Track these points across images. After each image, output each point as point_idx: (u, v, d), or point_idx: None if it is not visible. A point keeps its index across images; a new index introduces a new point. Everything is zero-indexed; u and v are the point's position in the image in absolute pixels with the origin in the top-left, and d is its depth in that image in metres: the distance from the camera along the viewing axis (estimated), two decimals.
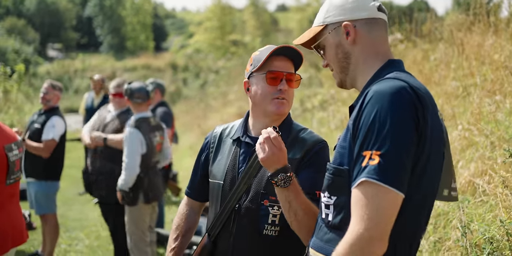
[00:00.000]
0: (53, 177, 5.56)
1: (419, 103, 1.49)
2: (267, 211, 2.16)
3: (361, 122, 1.50)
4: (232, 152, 2.29)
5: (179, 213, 2.48)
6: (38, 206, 5.55)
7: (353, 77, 1.74)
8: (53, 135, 5.41)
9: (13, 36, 32.12)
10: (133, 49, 39.74)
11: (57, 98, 5.69)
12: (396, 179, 1.41)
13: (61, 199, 8.82)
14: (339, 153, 1.60)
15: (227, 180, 2.25)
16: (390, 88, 1.49)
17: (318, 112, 8.94)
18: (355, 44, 1.70)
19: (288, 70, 2.23)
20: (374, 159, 1.42)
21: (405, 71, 1.66)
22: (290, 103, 2.27)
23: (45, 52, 43.88)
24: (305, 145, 2.20)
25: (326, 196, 1.64)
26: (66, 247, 6.29)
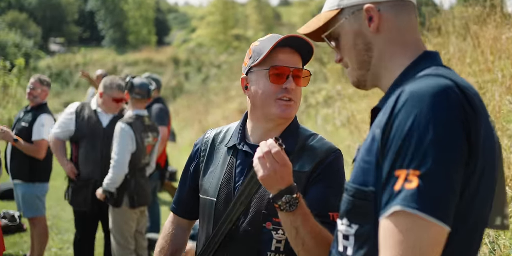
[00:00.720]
0: (41, 179, 5.23)
1: (470, 106, 1.14)
2: (270, 235, 1.77)
3: (393, 132, 1.15)
4: (227, 163, 1.91)
5: (164, 232, 2.09)
6: (26, 209, 5.22)
7: (376, 74, 1.38)
8: (44, 135, 5.07)
9: (14, 30, 31.83)
10: (135, 43, 39.46)
11: (45, 94, 5.32)
12: (441, 208, 1.06)
13: (54, 198, 8.52)
14: (362, 170, 1.23)
15: (221, 196, 1.87)
16: (431, 88, 1.14)
17: (323, 109, 8.59)
18: (378, 33, 1.35)
19: (295, 65, 1.86)
20: (411, 181, 1.07)
21: (444, 66, 1.31)
22: (298, 105, 1.88)
23: (47, 46, 43.60)
24: (316, 155, 1.82)
25: (345, 224, 1.27)
26: (57, 251, 5.98)
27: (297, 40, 1.83)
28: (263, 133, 1.89)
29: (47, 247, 5.91)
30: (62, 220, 7.28)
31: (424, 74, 1.22)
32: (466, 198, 1.15)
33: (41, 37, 42.49)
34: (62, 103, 22.33)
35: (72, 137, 4.75)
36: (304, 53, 1.89)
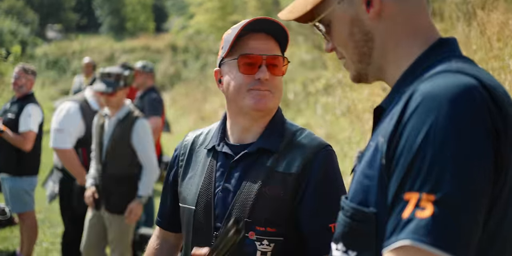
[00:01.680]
0: (29, 173, 5.03)
1: (499, 112, 0.92)
2: (254, 247, 1.59)
3: (401, 144, 0.92)
4: (207, 167, 1.72)
5: (149, 248, 1.90)
6: (14, 204, 5.05)
7: (379, 68, 1.15)
8: (31, 126, 4.86)
9: (10, 17, 31.48)
10: (133, 30, 39.12)
11: (30, 83, 5.09)
12: (461, 243, 0.85)
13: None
14: (362, 186, 1.02)
15: (201, 204, 1.68)
16: (450, 89, 0.91)
17: (322, 97, 8.36)
18: (379, 20, 1.11)
19: (269, 52, 1.65)
20: (424, 209, 0.85)
21: (464, 57, 1.07)
22: (278, 96, 1.68)
23: (44, 33, 43.24)
24: (304, 153, 1.63)
25: (340, 250, 1.06)
26: (48, 246, 5.82)
27: (269, 23, 1.63)
28: (242, 131, 1.71)
29: (38, 241, 5.75)
30: (55, 213, 7.08)
31: (440, 70, 0.99)
32: (494, 219, 0.94)
33: (38, 24, 42.13)
34: (59, 91, 22.09)
35: (81, 140, 4.48)
36: (280, 38, 1.68)
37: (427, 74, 1.01)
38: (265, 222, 1.59)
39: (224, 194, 1.66)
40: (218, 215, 1.65)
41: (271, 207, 1.60)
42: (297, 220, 1.61)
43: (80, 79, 8.96)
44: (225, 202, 1.65)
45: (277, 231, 1.59)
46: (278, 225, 1.60)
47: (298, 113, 8.32)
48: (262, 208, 1.60)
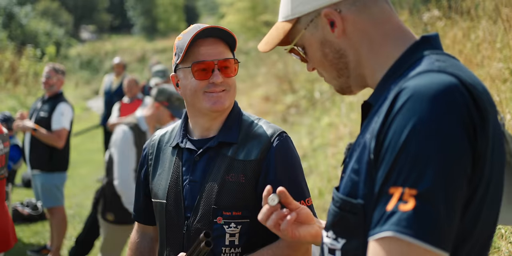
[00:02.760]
0: (60, 168, 5.21)
1: (476, 109, 0.99)
2: (223, 230, 1.74)
3: (387, 141, 0.99)
4: (173, 163, 1.85)
5: (130, 242, 2.05)
6: (44, 199, 5.23)
7: (360, 77, 1.23)
8: (64, 124, 5.04)
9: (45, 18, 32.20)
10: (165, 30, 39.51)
11: (60, 82, 5.27)
12: (441, 234, 0.92)
13: (80, 186, 8.59)
14: (351, 180, 1.09)
15: (171, 197, 1.82)
16: (433, 89, 0.98)
17: (348, 96, 8.37)
18: (346, 36, 1.18)
19: (220, 56, 1.77)
20: (407, 202, 0.92)
21: (445, 54, 1.14)
22: (232, 94, 1.81)
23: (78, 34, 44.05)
24: (260, 141, 1.77)
25: (330, 237, 1.14)
26: None
27: (216, 29, 1.75)
28: (203, 128, 1.85)
29: (68, 236, 5.93)
30: (85, 209, 7.29)
31: (424, 70, 1.05)
32: (474, 208, 1.01)
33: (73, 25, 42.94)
34: (92, 90, 22.50)
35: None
36: (228, 40, 1.80)
37: (412, 73, 1.06)
38: (231, 206, 1.74)
39: (191, 186, 1.80)
40: (188, 206, 1.79)
41: (235, 193, 1.75)
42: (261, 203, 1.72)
43: (110, 79, 9.13)
44: (193, 193, 1.79)
45: (242, 214, 1.74)
46: (243, 208, 1.75)
47: (323, 112, 8.35)
48: (227, 194, 1.74)
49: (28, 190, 7.87)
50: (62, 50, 28.87)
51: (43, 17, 32.56)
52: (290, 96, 10.38)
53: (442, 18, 6.99)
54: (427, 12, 7.28)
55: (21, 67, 17.35)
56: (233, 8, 34.54)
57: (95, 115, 16.03)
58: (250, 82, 13.58)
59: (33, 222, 6.56)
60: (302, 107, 9.52)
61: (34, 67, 18.28)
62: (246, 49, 24.75)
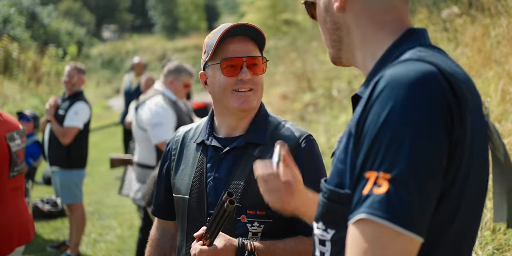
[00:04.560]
0: (78, 166, 5.28)
1: (454, 97, 0.99)
2: (245, 229, 1.74)
3: (366, 127, 1.00)
4: (197, 159, 1.87)
5: (150, 239, 2.05)
6: (63, 196, 5.30)
7: (350, 54, 1.24)
8: (76, 122, 5.11)
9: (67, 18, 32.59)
10: (186, 29, 39.70)
11: (81, 81, 5.35)
12: (411, 217, 0.92)
13: (99, 184, 8.69)
14: (337, 170, 1.10)
15: (194, 193, 1.82)
16: (410, 76, 0.98)
17: None
18: (345, 13, 1.20)
19: (249, 54, 1.78)
20: (381, 186, 0.93)
21: (432, 46, 1.14)
22: (259, 94, 1.81)
23: (100, 34, 44.49)
24: (288, 144, 1.73)
25: (320, 228, 1.15)
26: (96, 237, 6.06)
27: (245, 27, 1.75)
28: (229, 126, 1.86)
29: (86, 232, 6.01)
30: (104, 206, 7.38)
31: (404, 59, 1.06)
32: (451, 200, 1.02)
33: (94, 25, 43.37)
34: (113, 89, 22.72)
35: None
36: (258, 39, 1.81)
37: (395, 61, 1.08)
38: (255, 206, 1.74)
39: (215, 183, 1.80)
40: (211, 203, 1.79)
41: (259, 193, 1.71)
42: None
43: (130, 78, 9.21)
44: (217, 190, 1.79)
45: (266, 213, 1.74)
46: (267, 208, 1.70)
47: (341, 110, 8.32)
48: (252, 193, 1.74)
49: (48, 187, 7.99)
50: (83, 49, 29.21)
51: (66, 17, 32.95)
52: (308, 94, 10.36)
53: (462, 15, 6.91)
54: (446, 8, 7.20)
55: (43, 66, 17.60)
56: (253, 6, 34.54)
57: (115, 114, 16.18)
58: (268, 81, 13.57)
59: (53, 219, 6.65)
60: (320, 105, 9.50)
61: (56, 66, 18.52)
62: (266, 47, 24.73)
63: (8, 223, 3.00)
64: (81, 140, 5.26)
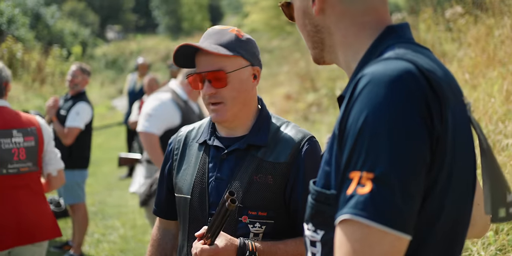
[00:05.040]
0: (80, 166, 5.28)
1: (433, 94, 0.99)
2: (247, 229, 1.74)
3: (348, 127, 1.00)
4: (200, 159, 1.86)
5: (152, 239, 2.04)
6: (66, 196, 5.31)
7: (333, 54, 1.24)
8: (77, 123, 5.11)
9: (72, 19, 32.68)
10: (189, 29, 39.75)
11: (85, 82, 5.36)
12: (396, 215, 0.92)
13: (103, 184, 8.70)
14: (324, 171, 1.10)
15: (195, 193, 1.82)
16: (389, 75, 0.98)
17: None
18: (324, 16, 1.20)
19: (209, 68, 1.76)
20: (364, 186, 0.93)
21: (413, 42, 1.14)
22: (232, 105, 1.78)
23: (104, 34, 44.58)
24: (289, 145, 1.78)
25: (310, 229, 1.14)
26: (99, 237, 6.06)
27: (188, 47, 1.76)
28: (227, 128, 1.86)
29: (90, 232, 6.02)
30: (108, 206, 7.39)
31: (384, 57, 1.06)
32: (435, 199, 1.01)
33: (99, 25, 43.47)
34: (117, 90, 22.76)
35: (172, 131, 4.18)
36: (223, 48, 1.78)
37: (374, 60, 1.08)
38: (257, 207, 1.74)
39: (217, 183, 1.80)
40: (213, 202, 1.79)
41: (262, 194, 1.75)
42: (290, 206, 1.77)
43: (134, 78, 9.22)
44: (219, 190, 1.79)
45: (268, 214, 1.74)
46: (269, 209, 1.75)
47: None
48: (254, 194, 1.75)
49: None
50: (88, 50, 29.26)
51: (70, 18, 33.05)
52: (311, 95, 10.36)
53: (465, 15, 6.90)
54: (449, 8, 7.18)
55: (47, 66, 17.64)
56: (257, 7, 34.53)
57: (119, 114, 16.21)
58: (272, 81, 13.58)
59: (56, 219, 6.65)
60: (324, 105, 9.49)
61: (60, 66, 18.56)
62: (270, 47, 24.75)
63: (3, 221, 3.01)
64: (83, 141, 5.25)
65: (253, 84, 1.83)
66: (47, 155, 3.20)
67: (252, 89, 1.83)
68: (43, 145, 3.16)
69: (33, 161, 3.11)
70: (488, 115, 4.25)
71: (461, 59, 6.07)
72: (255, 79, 1.83)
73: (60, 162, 3.30)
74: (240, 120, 1.84)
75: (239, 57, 1.78)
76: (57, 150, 3.30)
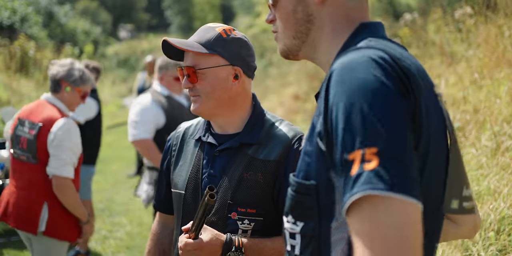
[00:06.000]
0: (87, 162, 5.29)
1: (404, 75, 1.01)
2: (236, 226, 1.76)
3: (334, 113, 1.00)
4: (195, 155, 1.90)
5: (151, 233, 2.08)
6: None
7: (312, 47, 1.24)
8: (75, 115, 5.07)
9: (84, 17, 32.90)
10: None
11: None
12: (411, 184, 0.92)
13: (111, 181, 8.76)
14: (304, 162, 1.11)
15: (189, 189, 1.85)
16: (359, 58, 1.02)
17: None
18: (324, 6, 1.19)
19: (186, 63, 1.83)
20: (370, 161, 0.92)
21: (385, 38, 1.17)
22: (208, 99, 1.82)
23: (116, 33, 44.80)
24: (281, 142, 1.80)
25: (290, 222, 1.15)
26: (106, 234, 6.10)
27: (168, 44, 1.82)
28: (220, 124, 1.89)
29: (96, 229, 6.06)
30: (115, 203, 7.44)
31: (355, 48, 1.08)
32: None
33: (111, 24, 43.69)
34: (129, 88, 22.87)
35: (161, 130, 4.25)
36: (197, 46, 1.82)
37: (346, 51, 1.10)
38: (246, 204, 1.76)
39: (209, 179, 1.83)
40: None
41: (251, 191, 1.77)
42: (279, 204, 1.78)
43: (143, 77, 9.26)
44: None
45: (257, 212, 1.76)
46: (258, 206, 1.77)
47: None
48: (243, 191, 1.77)
49: None
50: (100, 48, 29.42)
51: (82, 16, 33.26)
52: None
53: (474, 15, 6.86)
54: (459, 8, 7.15)
55: None
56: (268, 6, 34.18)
57: None
58: (281, 81, 13.59)
59: None
60: None
61: None
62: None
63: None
64: (89, 137, 5.23)
65: (234, 83, 1.82)
66: (50, 156, 3.22)
67: (231, 88, 1.82)
68: (45, 143, 3.20)
69: (32, 154, 3.20)
70: (493, 116, 4.24)
71: (469, 60, 6.05)
72: (236, 79, 1.83)
73: (56, 170, 3.18)
74: (225, 117, 1.86)
75: (215, 56, 1.80)
76: (67, 159, 3.21)
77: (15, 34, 17.16)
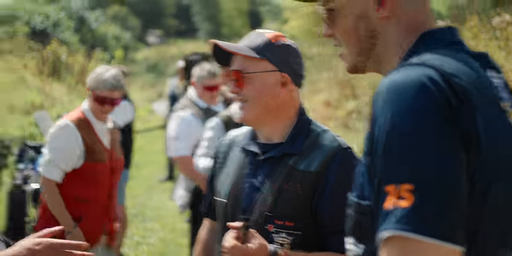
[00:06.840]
0: None
1: (455, 96, 0.94)
2: (271, 239, 1.71)
3: (375, 137, 0.96)
4: (239, 164, 1.87)
5: (198, 240, 2.07)
6: None
7: (378, 62, 1.18)
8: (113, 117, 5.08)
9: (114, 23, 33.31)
10: (229, 35, 40.01)
11: None
12: (445, 225, 0.87)
13: (143, 186, 8.80)
14: (358, 182, 1.07)
15: (231, 198, 1.84)
16: (407, 79, 0.95)
17: None
18: (389, 20, 1.12)
19: (233, 67, 1.81)
20: (405, 198, 0.88)
21: (452, 45, 1.09)
22: (255, 104, 1.78)
23: (145, 39, 45.24)
24: (323, 153, 1.74)
25: (351, 243, 1.09)
26: (139, 239, 6.13)
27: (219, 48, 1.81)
28: (264, 133, 1.86)
29: (129, 234, 6.08)
30: (148, 209, 7.47)
31: (408, 63, 1.02)
32: (477, 195, 0.95)
33: (140, 29, 44.16)
34: (157, 93, 23.02)
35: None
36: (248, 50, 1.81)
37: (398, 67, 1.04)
38: (284, 216, 1.72)
39: (250, 189, 1.81)
40: (245, 209, 1.80)
41: (290, 203, 1.73)
42: (317, 217, 1.73)
43: (174, 82, 9.31)
44: (251, 197, 1.80)
45: (295, 225, 1.72)
46: (296, 219, 1.72)
47: None
48: (282, 203, 1.73)
49: None
50: (129, 53, 29.73)
51: (113, 22, 33.68)
52: (351, 102, 10.28)
53: None
54: (496, 16, 7.03)
55: (90, 69, 17.99)
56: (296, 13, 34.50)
57: (160, 118, 16.39)
58: (311, 87, 13.53)
59: None
60: (364, 113, 9.40)
61: None
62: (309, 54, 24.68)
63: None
64: (122, 141, 5.24)
65: (281, 91, 1.79)
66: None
67: (279, 95, 1.79)
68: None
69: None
70: None
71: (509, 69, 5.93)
72: (284, 86, 1.80)
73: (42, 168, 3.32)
74: (271, 126, 1.83)
75: (264, 61, 1.78)
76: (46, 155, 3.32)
77: (47, 39, 17.47)
